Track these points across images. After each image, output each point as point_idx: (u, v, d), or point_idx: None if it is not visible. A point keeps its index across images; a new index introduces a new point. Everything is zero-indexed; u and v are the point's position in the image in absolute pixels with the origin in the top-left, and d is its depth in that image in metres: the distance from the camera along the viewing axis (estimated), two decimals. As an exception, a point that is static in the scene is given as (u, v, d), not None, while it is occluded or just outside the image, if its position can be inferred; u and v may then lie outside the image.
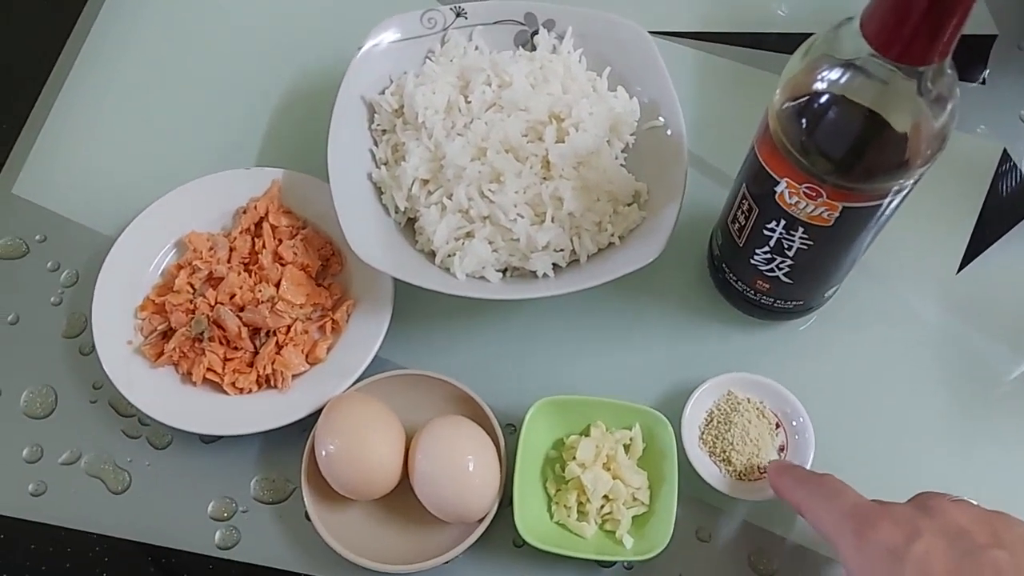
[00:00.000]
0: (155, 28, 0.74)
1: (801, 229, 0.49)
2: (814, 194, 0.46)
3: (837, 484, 0.46)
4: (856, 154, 0.44)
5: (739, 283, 0.57)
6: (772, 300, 0.57)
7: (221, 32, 0.74)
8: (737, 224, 0.53)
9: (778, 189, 0.48)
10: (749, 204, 0.51)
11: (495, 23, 0.64)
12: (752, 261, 0.54)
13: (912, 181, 0.45)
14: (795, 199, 0.47)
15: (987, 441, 0.57)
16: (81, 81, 0.71)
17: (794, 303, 0.57)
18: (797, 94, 0.45)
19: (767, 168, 0.48)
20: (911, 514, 0.41)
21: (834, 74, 0.43)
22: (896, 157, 0.44)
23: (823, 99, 0.43)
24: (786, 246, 0.51)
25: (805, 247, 0.50)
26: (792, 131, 0.45)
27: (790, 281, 0.54)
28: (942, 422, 0.58)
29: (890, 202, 0.46)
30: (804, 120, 0.44)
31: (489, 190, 0.56)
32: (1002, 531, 0.40)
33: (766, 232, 0.51)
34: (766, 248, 0.52)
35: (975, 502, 0.44)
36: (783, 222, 0.49)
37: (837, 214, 0.47)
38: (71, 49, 0.73)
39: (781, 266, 0.53)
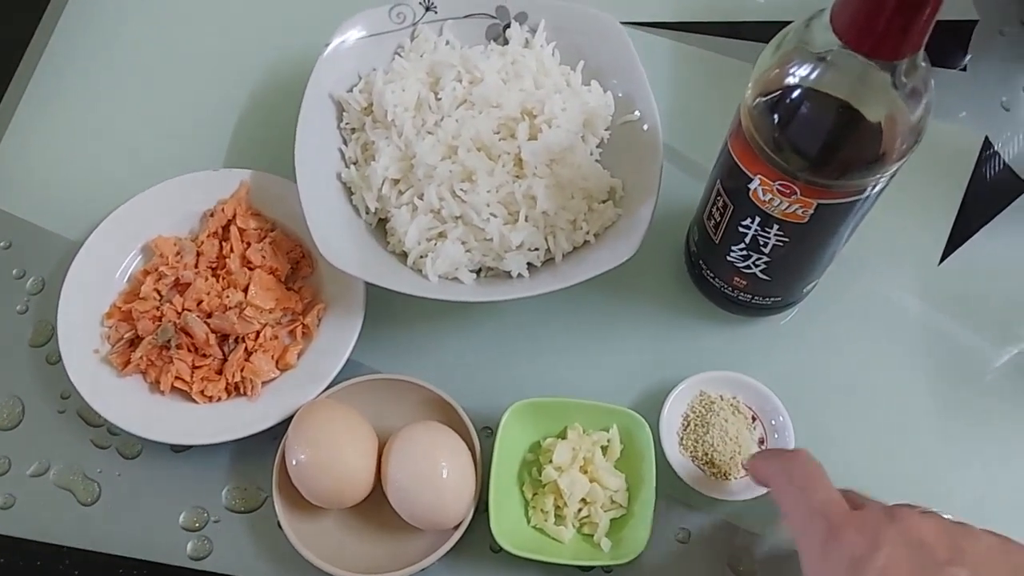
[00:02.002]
0: (119, 29, 0.72)
1: (776, 226, 0.48)
2: (788, 191, 0.45)
3: (812, 470, 0.44)
4: (829, 151, 0.43)
5: (716, 280, 0.56)
6: (750, 296, 0.56)
7: (186, 31, 0.72)
8: (713, 221, 0.52)
9: (751, 186, 0.47)
10: (724, 201, 0.50)
11: (466, 17, 0.63)
12: (728, 258, 0.53)
13: (888, 176, 0.44)
14: (769, 196, 0.46)
15: (969, 434, 0.57)
16: (44, 84, 0.70)
17: (772, 299, 0.56)
18: (768, 90, 0.44)
19: (740, 165, 0.47)
20: (877, 522, 0.41)
21: (805, 69, 0.42)
22: (870, 153, 0.43)
23: (795, 95, 0.42)
24: (761, 243, 0.50)
25: (781, 244, 0.49)
26: (764, 127, 0.44)
27: (767, 278, 0.53)
28: (923, 414, 0.57)
29: (866, 197, 0.45)
30: (776, 116, 0.43)
31: (461, 189, 0.55)
32: (966, 546, 0.40)
33: (741, 229, 0.50)
34: (742, 245, 0.51)
35: (947, 515, 0.43)
36: (758, 219, 0.48)
37: (812, 211, 0.46)
38: (33, 51, 0.71)
39: (757, 263, 0.52)
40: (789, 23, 0.44)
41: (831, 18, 0.39)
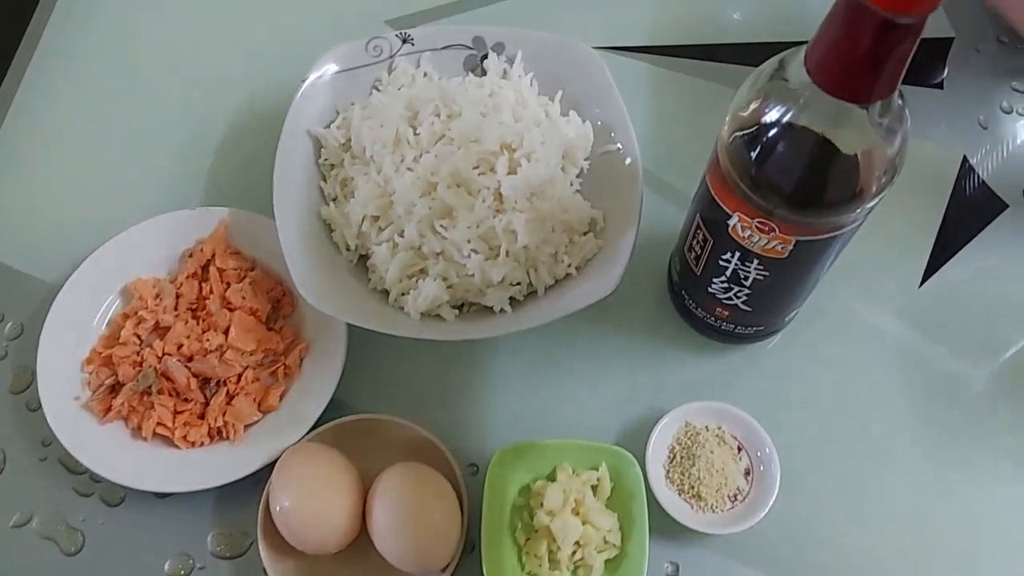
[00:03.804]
0: (93, 67, 0.72)
1: (756, 261, 0.48)
2: (766, 228, 0.45)
3: None
4: (806, 189, 0.43)
5: (699, 310, 0.56)
6: (733, 326, 0.56)
7: (161, 68, 0.71)
8: (693, 253, 0.52)
9: (731, 223, 0.47)
10: (704, 235, 0.50)
11: (443, 48, 0.63)
12: (710, 290, 0.53)
13: (866, 211, 0.44)
14: (748, 232, 0.46)
15: (954, 458, 0.57)
16: (18, 123, 0.69)
17: (754, 328, 0.56)
18: (745, 127, 0.43)
19: (719, 201, 0.47)
20: None
21: (781, 107, 0.42)
22: (847, 191, 0.43)
23: (770, 133, 0.42)
24: (742, 276, 0.50)
25: (761, 278, 0.49)
26: (741, 166, 0.44)
27: (748, 309, 0.53)
28: (907, 437, 0.57)
29: (845, 232, 0.45)
30: (752, 155, 0.43)
31: (441, 226, 0.55)
32: None
33: (722, 263, 0.50)
34: (723, 278, 0.51)
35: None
36: (738, 254, 0.48)
37: (791, 247, 0.46)
38: (6, 91, 0.70)
39: (739, 295, 0.52)
40: (765, 44, 0.43)
41: (805, 59, 0.39)
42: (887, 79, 0.38)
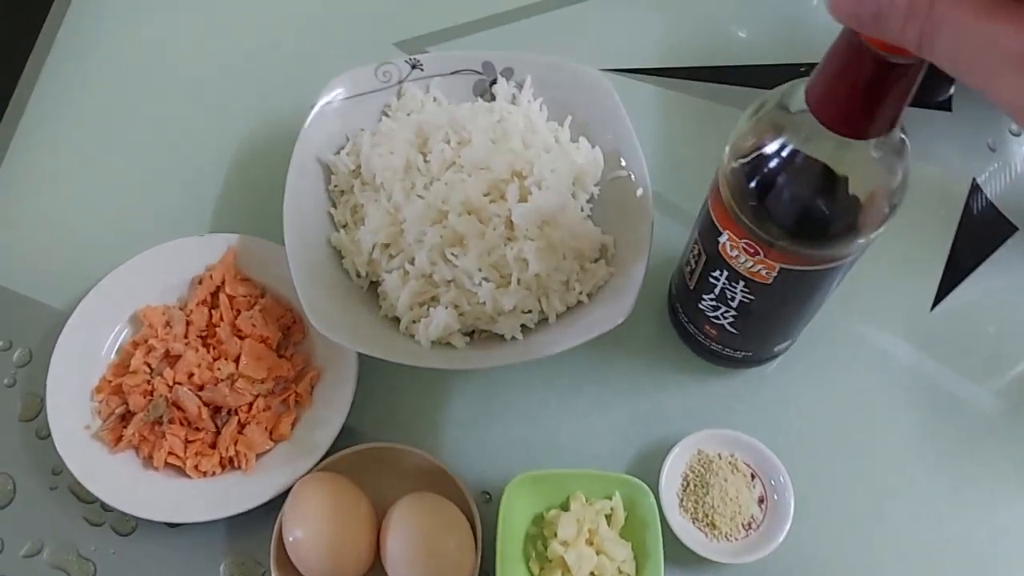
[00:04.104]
0: (99, 93, 0.71)
1: (742, 282, 0.48)
2: (752, 251, 0.45)
3: None
4: (795, 220, 0.43)
5: (690, 325, 0.57)
6: (721, 347, 0.56)
7: (168, 93, 0.71)
8: (689, 267, 0.53)
9: (721, 240, 0.47)
10: (699, 249, 0.50)
11: (452, 73, 0.63)
12: (700, 305, 0.53)
13: (857, 250, 0.44)
14: (736, 252, 0.46)
15: (966, 480, 0.57)
16: (23, 148, 0.69)
17: (742, 353, 0.56)
18: (742, 153, 0.44)
19: (713, 217, 0.47)
20: None
21: (780, 138, 0.41)
22: (838, 227, 0.43)
23: (767, 162, 0.42)
24: (729, 296, 0.50)
25: (747, 300, 0.49)
26: (735, 188, 0.44)
27: (735, 331, 0.53)
28: (919, 463, 0.57)
29: (833, 269, 0.45)
30: (747, 179, 0.43)
31: (452, 254, 0.55)
32: None
33: (711, 280, 0.50)
34: (712, 295, 0.51)
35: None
36: (726, 273, 0.49)
37: (775, 273, 0.46)
38: (12, 114, 0.70)
39: (726, 315, 0.52)
40: (772, 66, 0.43)
41: (806, 95, 0.39)
42: (886, 117, 0.38)
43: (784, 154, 0.41)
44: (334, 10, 0.74)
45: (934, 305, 0.61)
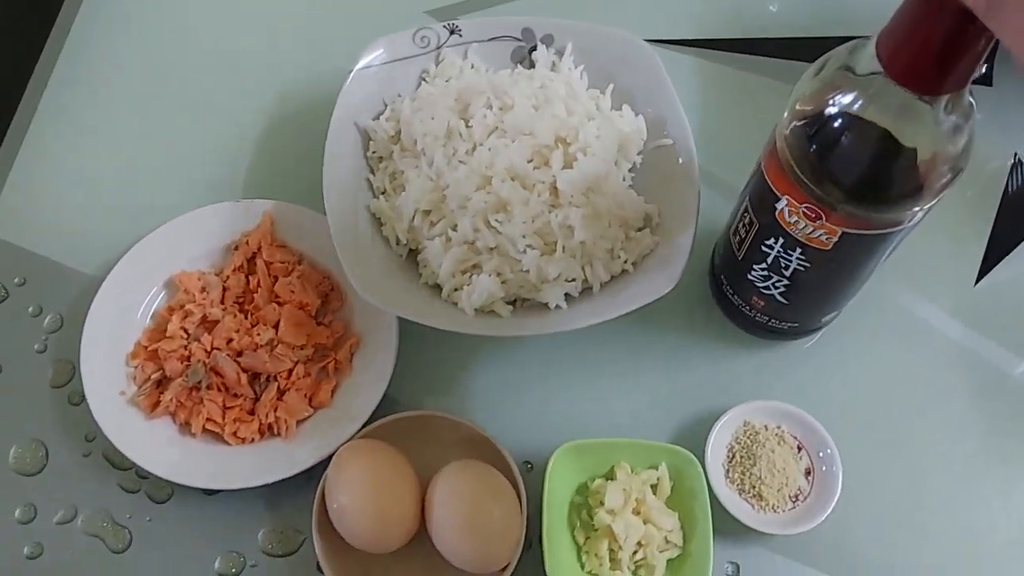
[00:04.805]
0: (130, 52, 0.70)
1: (799, 249, 0.47)
2: (813, 215, 0.44)
3: None
4: (860, 181, 0.42)
5: (735, 297, 0.56)
6: (767, 319, 0.55)
7: (200, 56, 0.70)
8: (738, 237, 0.52)
9: (779, 206, 0.46)
10: (751, 218, 0.49)
11: (491, 40, 0.62)
12: (749, 276, 0.52)
13: (920, 213, 0.44)
14: (794, 218, 0.45)
15: (1012, 453, 0.56)
16: (53, 110, 0.67)
17: (788, 324, 0.55)
18: (805, 113, 0.43)
19: (770, 183, 0.46)
20: None
21: (845, 97, 0.41)
22: (903, 188, 0.42)
23: (831, 121, 0.42)
24: (783, 265, 0.49)
25: (802, 268, 0.49)
26: (796, 150, 0.43)
27: (785, 301, 0.52)
28: (966, 438, 0.56)
29: (894, 232, 0.45)
30: (809, 140, 0.43)
31: (496, 220, 0.54)
32: None
33: (764, 248, 0.49)
34: (763, 265, 0.50)
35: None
36: (781, 240, 0.48)
37: (836, 239, 0.45)
38: (39, 79, 0.69)
39: (777, 285, 0.51)
40: (810, 39, 0.42)
41: (877, 48, 0.39)
42: (961, 72, 0.37)
43: (851, 113, 0.41)
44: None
45: (978, 279, 0.61)
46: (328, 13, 0.72)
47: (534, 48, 0.62)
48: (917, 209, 0.43)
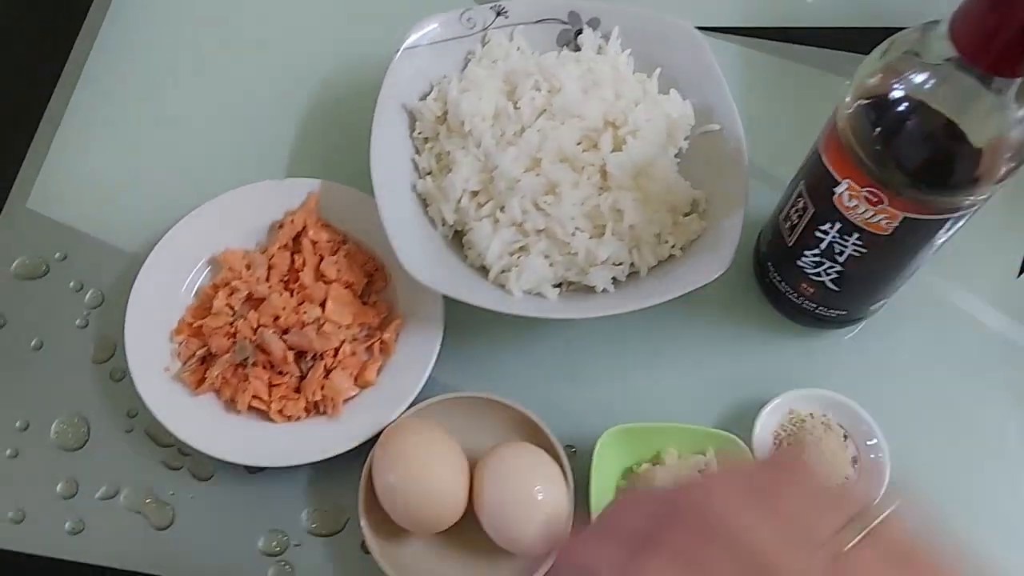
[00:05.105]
0: (172, 26, 0.70)
1: (856, 235, 0.47)
2: (875, 200, 0.44)
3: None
4: (926, 164, 0.42)
5: (783, 284, 0.56)
6: (815, 306, 0.55)
7: (244, 33, 0.70)
8: (789, 223, 0.52)
9: (838, 190, 0.46)
10: (805, 203, 0.49)
11: (537, 22, 0.61)
12: (799, 263, 0.52)
13: (983, 198, 0.43)
14: (854, 203, 0.45)
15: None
16: (94, 85, 0.67)
17: (836, 312, 0.55)
18: (870, 95, 0.43)
19: (829, 167, 0.46)
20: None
21: (914, 78, 0.41)
22: (969, 172, 0.42)
23: (898, 103, 0.42)
24: (837, 251, 0.49)
25: (858, 254, 0.48)
26: (861, 132, 0.43)
27: (836, 288, 0.52)
28: (1013, 432, 0.56)
29: (955, 217, 0.44)
30: (875, 122, 0.42)
31: (545, 202, 0.54)
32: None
33: (818, 234, 0.49)
34: (816, 251, 0.50)
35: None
36: (838, 225, 0.47)
37: (896, 223, 0.45)
38: (79, 54, 0.68)
39: (829, 271, 0.51)
40: (848, 29, 0.42)
41: (951, 28, 0.38)
42: None
43: (917, 97, 0.41)
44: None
45: (1021, 271, 0.61)
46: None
47: (579, 31, 0.61)
48: (980, 195, 0.43)
